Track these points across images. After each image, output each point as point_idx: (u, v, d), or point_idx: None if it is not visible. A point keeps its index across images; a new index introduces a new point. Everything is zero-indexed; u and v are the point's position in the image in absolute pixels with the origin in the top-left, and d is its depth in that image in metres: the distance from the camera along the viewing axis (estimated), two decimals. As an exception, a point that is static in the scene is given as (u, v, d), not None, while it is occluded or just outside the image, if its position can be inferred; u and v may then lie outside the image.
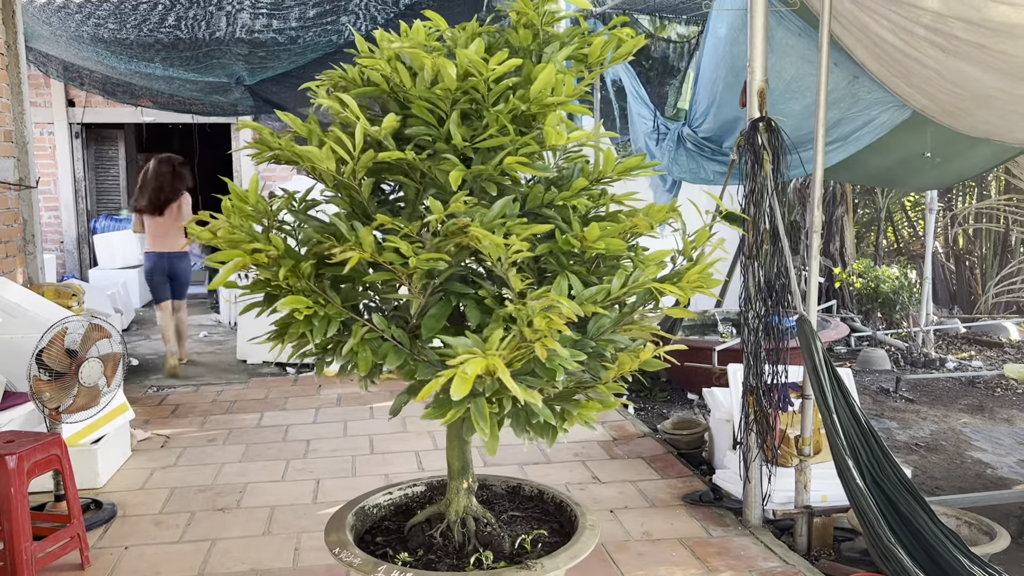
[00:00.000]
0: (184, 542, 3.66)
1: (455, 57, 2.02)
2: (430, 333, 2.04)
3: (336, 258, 1.96)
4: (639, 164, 2.23)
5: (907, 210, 10.87)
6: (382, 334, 2.05)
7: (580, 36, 2.24)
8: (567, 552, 2.23)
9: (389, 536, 2.49)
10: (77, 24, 6.48)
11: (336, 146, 1.98)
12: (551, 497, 2.66)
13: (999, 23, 2.96)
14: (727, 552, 3.52)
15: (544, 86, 2.01)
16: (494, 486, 2.76)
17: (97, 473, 4.28)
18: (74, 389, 3.74)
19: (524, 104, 2.03)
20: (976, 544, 3.33)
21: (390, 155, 2.01)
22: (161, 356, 7.37)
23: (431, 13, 2.18)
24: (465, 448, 2.41)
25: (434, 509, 2.46)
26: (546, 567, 2.15)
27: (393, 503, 2.68)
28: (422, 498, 2.73)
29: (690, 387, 6.28)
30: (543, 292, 1.89)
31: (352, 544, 2.27)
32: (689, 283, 2.14)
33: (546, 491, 2.69)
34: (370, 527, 2.56)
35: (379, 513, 2.62)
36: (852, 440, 3.26)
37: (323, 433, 5.23)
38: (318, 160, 1.98)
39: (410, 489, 2.73)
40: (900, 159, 5.09)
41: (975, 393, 6.53)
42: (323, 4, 6.39)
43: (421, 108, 2.06)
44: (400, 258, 1.92)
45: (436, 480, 2.77)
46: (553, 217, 2.12)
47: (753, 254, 3.60)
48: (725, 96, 4.62)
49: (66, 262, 10.56)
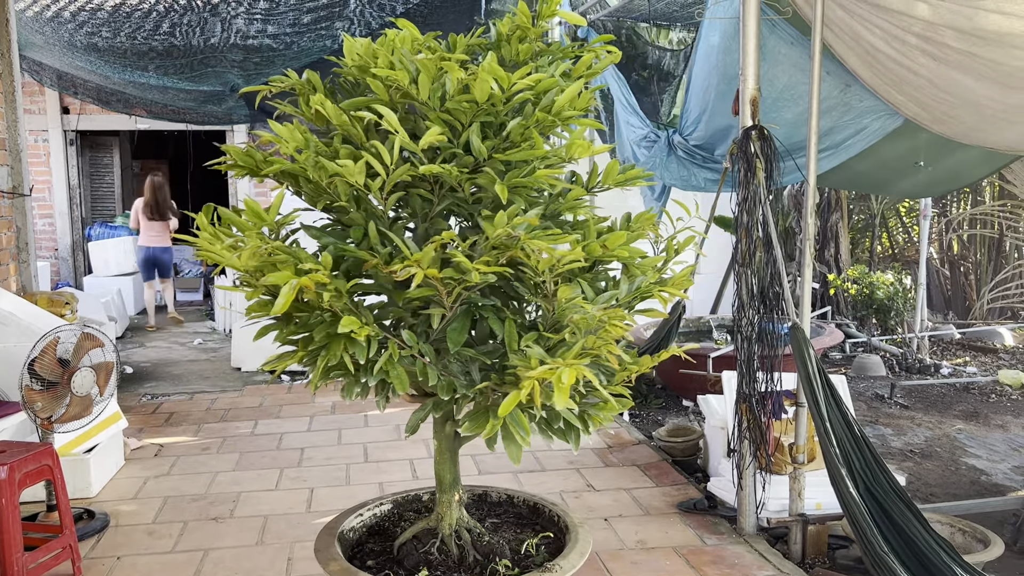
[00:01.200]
0: (177, 552, 3.65)
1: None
2: (456, 346, 2.04)
3: (399, 276, 1.91)
4: (639, 174, 2.25)
5: (902, 216, 10.89)
6: (413, 352, 2.04)
7: (567, 50, 2.28)
8: (576, 550, 2.26)
9: (379, 559, 2.44)
10: (70, 33, 6.47)
11: (373, 159, 1.94)
12: (522, 501, 2.67)
13: (990, 32, 2.97)
14: (721, 560, 3.52)
15: (570, 100, 2.05)
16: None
17: (90, 483, 4.26)
18: (66, 398, 3.73)
19: (550, 116, 2.06)
20: (970, 552, 3.33)
21: (429, 168, 1.98)
22: (155, 364, 7.38)
23: (403, 22, 2.17)
24: (456, 460, 2.40)
25: (422, 525, 2.44)
26: (563, 567, 2.18)
27: (365, 524, 2.63)
28: (392, 516, 2.68)
29: (685, 394, 6.28)
30: (574, 299, 1.93)
31: (358, 572, 2.22)
32: (678, 284, 2.20)
33: (515, 496, 2.70)
34: (352, 553, 2.49)
35: (355, 536, 2.57)
36: (845, 448, 3.26)
37: (317, 441, 5.22)
38: (349, 175, 1.94)
39: (377, 508, 2.68)
40: (893, 166, 5.10)
41: (970, 399, 6.54)
42: (317, 10, 6.39)
43: (438, 120, 2.05)
44: (458, 273, 1.91)
45: (401, 496, 2.73)
46: (575, 225, 2.18)
47: (746, 261, 3.60)
48: (717, 104, 4.62)
49: (60, 270, 10.53)
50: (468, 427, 1.98)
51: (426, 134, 1.96)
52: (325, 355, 1.96)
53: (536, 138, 2.03)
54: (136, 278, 10.28)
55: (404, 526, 2.57)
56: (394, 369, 1.98)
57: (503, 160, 2.06)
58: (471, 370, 2.12)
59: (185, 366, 7.50)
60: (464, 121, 2.06)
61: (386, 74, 2.03)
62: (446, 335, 2.05)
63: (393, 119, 1.96)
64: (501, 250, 1.94)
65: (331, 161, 1.96)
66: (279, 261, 1.91)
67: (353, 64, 2.15)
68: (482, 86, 1.96)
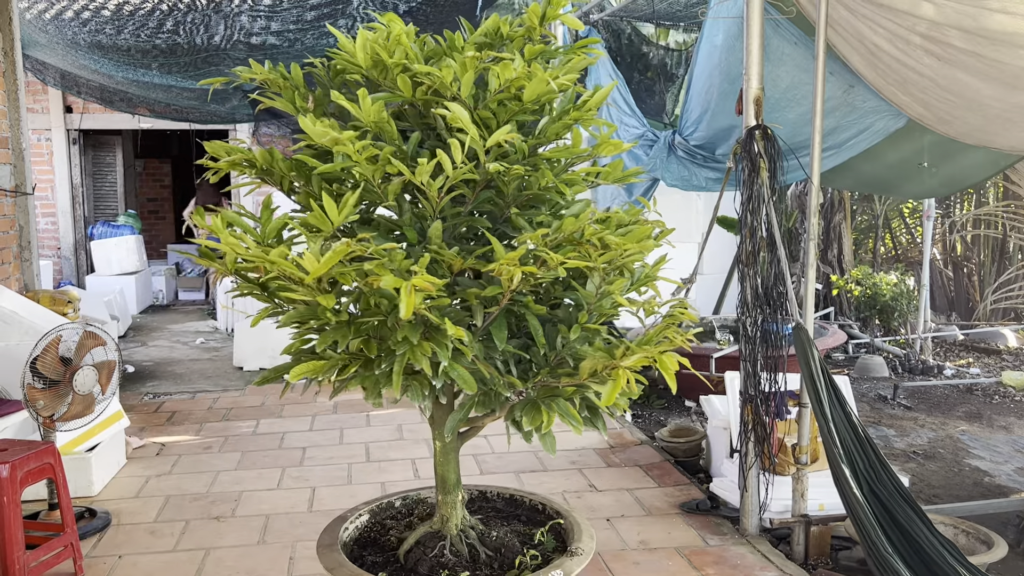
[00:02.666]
0: (178, 551, 3.65)
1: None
2: (502, 343, 2.04)
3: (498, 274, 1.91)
4: (632, 171, 2.24)
5: (905, 217, 10.87)
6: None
7: (560, 51, 2.30)
8: (586, 535, 2.31)
9: (388, 569, 2.37)
10: (74, 31, 6.47)
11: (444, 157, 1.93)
12: (509, 496, 2.67)
13: (995, 31, 2.96)
14: (724, 561, 3.51)
15: (599, 101, 2.11)
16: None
17: (91, 481, 4.26)
18: (68, 397, 3.73)
19: (577, 115, 2.11)
20: (973, 553, 3.32)
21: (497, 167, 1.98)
22: (157, 363, 7.39)
23: (391, 16, 2.16)
24: (458, 461, 2.40)
25: (424, 529, 2.42)
26: (584, 550, 2.25)
27: (351, 538, 2.56)
28: (373, 528, 2.62)
29: (688, 394, 6.27)
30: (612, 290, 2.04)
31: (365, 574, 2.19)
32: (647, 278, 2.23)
33: (502, 492, 2.70)
34: (352, 556, 2.43)
35: (352, 547, 2.52)
36: (849, 449, 3.25)
37: (319, 441, 5.21)
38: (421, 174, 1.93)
39: (358, 520, 2.61)
40: (896, 167, 5.09)
41: (973, 400, 6.52)
42: (320, 7, 6.39)
43: (476, 119, 2.07)
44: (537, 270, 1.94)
45: (377, 504, 2.69)
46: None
47: (750, 261, 3.59)
48: (720, 103, 4.61)
49: (63, 268, 10.54)
50: (527, 421, 2.02)
51: (497, 132, 1.96)
52: (400, 359, 1.91)
53: (576, 135, 2.07)
54: (139, 277, 10.29)
55: (393, 534, 2.54)
56: (456, 371, 1.97)
57: (544, 158, 2.10)
58: (510, 366, 2.13)
59: (187, 365, 7.50)
60: (502, 120, 2.06)
61: (426, 70, 2.01)
62: (490, 333, 2.05)
63: (465, 117, 1.93)
64: (573, 244, 1.96)
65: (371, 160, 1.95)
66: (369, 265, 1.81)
67: (367, 57, 2.11)
68: (537, 86, 1.96)
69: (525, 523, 2.58)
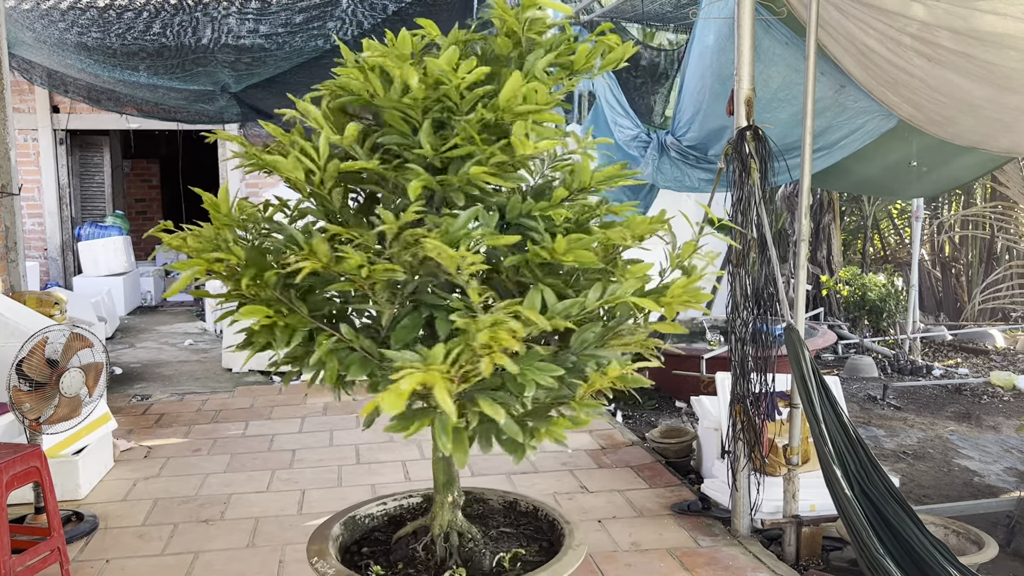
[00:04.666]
0: (167, 555, 3.61)
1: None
2: (399, 344, 1.97)
3: (291, 267, 1.91)
4: (618, 172, 2.20)
5: (893, 218, 10.92)
6: (350, 344, 2.01)
7: (565, 43, 2.20)
8: (545, 573, 2.19)
9: (376, 547, 2.45)
10: (61, 32, 6.42)
11: (301, 156, 1.95)
12: (544, 515, 2.62)
13: (986, 32, 2.96)
14: (715, 562, 3.50)
15: (512, 94, 1.94)
16: (491, 500, 2.73)
17: (79, 484, 4.22)
18: (55, 399, 3.69)
19: (493, 113, 1.97)
20: (964, 554, 3.32)
21: (351, 165, 1.98)
22: (145, 365, 7.34)
23: (424, 21, 2.14)
24: (450, 461, 2.38)
25: (421, 522, 2.43)
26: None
27: (387, 513, 2.63)
28: (416, 510, 2.68)
29: (678, 395, 6.27)
30: (509, 304, 1.83)
31: (331, 555, 2.23)
32: (675, 298, 2.07)
33: (540, 508, 2.64)
34: (360, 537, 2.52)
35: (371, 523, 2.58)
36: (840, 449, 3.25)
37: (309, 443, 5.18)
38: (286, 170, 1.95)
39: (405, 500, 2.68)
40: (886, 168, 5.11)
41: (962, 400, 6.55)
42: (309, 9, 6.36)
43: (394, 117, 2.02)
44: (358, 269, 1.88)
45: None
46: (533, 228, 2.04)
47: (740, 262, 3.59)
48: (712, 104, 4.61)
49: (50, 270, 10.46)
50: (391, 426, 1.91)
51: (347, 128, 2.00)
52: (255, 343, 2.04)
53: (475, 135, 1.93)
54: (127, 278, 10.21)
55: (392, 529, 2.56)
56: (330, 361, 1.97)
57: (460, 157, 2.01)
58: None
59: (175, 367, 7.45)
60: (417, 118, 2.02)
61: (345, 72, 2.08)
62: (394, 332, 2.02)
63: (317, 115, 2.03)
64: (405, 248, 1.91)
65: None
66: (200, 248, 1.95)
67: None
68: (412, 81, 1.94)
69: (516, 528, 2.56)
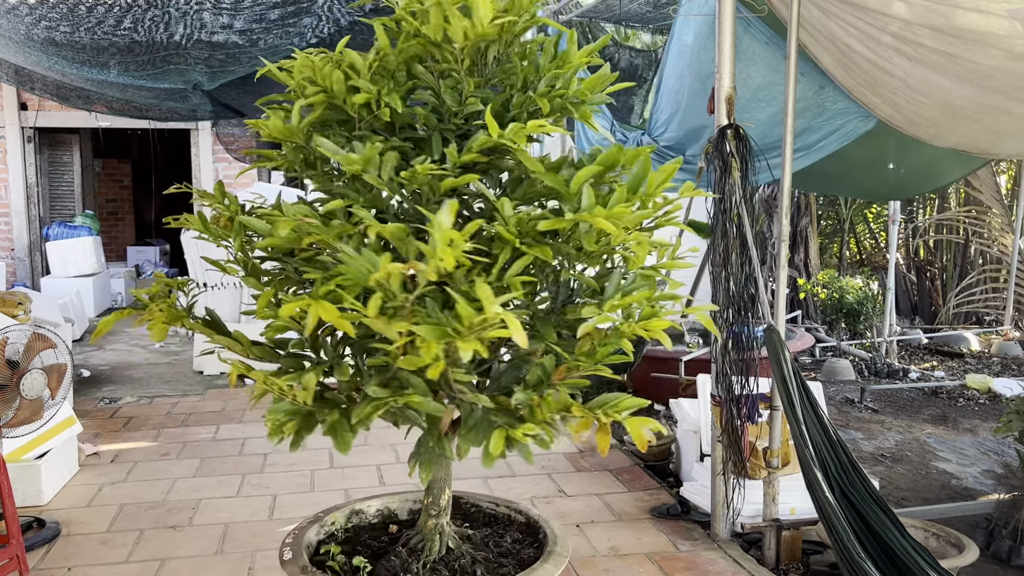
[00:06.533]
0: (132, 562, 3.50)
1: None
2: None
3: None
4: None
5: (870, 221, 10.98)
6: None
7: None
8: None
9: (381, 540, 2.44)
10: (28, 27, 6.27)
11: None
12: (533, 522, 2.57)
13: (967, 31, 2.94)
14: (695, 567, 3.45)
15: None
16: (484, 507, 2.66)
17: (41, 490, 4.08)
18: (15, 402, 3.57)
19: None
20: (944, 557, 3.29)
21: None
22: (114, 367, 7.19)
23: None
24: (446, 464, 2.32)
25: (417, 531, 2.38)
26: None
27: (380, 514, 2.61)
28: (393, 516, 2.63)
29: (657, 398, 6.21)
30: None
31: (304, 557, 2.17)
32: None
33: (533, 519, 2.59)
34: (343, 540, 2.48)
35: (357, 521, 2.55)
36: (821, 452, 3.21)
37: (281, 447, 5.06)
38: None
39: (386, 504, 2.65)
40: (865, 169, 5.10)
41: (938, 403, 6.56)
42: (285, 5, 6.25)
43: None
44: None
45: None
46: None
47: (721, 262, 3.54)
48: (691, 104, 4.58)
49: (17, 270, 10.24)
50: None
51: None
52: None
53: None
54: (96, 279, 10.01)
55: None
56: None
57: None
58: None
59: (145, 369, 7.30)
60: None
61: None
62: None
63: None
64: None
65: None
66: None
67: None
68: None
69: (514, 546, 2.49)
